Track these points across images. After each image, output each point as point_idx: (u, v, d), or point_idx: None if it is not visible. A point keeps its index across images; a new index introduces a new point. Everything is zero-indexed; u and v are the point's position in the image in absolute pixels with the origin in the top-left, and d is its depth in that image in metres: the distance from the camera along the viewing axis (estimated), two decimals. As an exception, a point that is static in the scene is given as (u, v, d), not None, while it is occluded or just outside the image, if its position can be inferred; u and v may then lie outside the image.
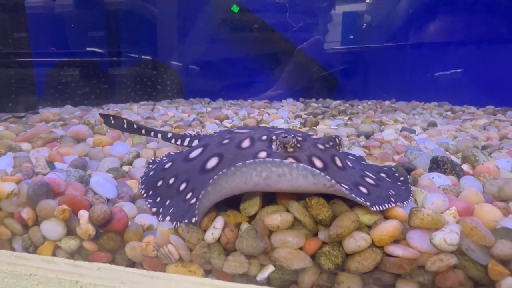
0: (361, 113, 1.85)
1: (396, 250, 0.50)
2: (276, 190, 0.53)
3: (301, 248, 0.53)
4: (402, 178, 0.66)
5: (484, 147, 1.02)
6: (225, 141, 0.66)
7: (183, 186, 0.62)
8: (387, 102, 2.22)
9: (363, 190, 0.56)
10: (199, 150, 0.68)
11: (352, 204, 0.55)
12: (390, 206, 0.54)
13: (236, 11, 2.57)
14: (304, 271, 0.53)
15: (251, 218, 0.57)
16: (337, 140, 0.64)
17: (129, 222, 0.60)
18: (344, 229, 0.51)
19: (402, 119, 1.51)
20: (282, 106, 2.12)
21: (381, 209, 0.53)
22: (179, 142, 0.87)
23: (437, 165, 0.73)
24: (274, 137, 0.61)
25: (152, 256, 0.57)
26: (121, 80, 2.44)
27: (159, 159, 0.79)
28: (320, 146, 0.60)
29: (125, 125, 0.95)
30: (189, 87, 2.66)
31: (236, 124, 1.34)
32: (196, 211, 0.53)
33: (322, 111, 1.87)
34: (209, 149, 0.66)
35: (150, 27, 2.61)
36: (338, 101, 2.24)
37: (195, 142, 0.85)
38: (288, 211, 0.54)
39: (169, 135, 0.89)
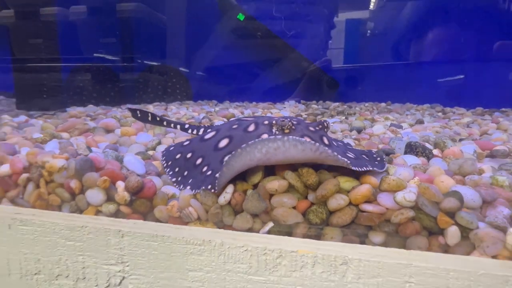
0: (358, 113, 1.99)
1: (368, 207, 0.64)
2: (275, 163, 0.67)
3: (294, 207, 0.67)
4: (378, 159, 0.79)
5: (461, 139, 1.16)
6: (234, 126, 0.81)
7: (199, 161, 0.76)
8: (383, 104, 2.36)
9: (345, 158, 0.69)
10: (212, 133, 0.83)
11: (335, 174, 0.69)
12: (366, 169, 0.67)
13: (241, 19, 2.74)
14: (297, 226, 0.67)
15: (254, 186, 0.71)
16: (325, 123, 0.78)
17: (157, 191, 0.75)
18: (328, 191, 0.65)
19: (394, 118, 1.65)
20: (285, 107, 2.27)
21: (359, 169, 0.66)
22: (195, 131, 1.02)
23: (410, 149, 0.88)
24: (274, 122, 0.76)
25: (176, 216, 0.71)
26: (133, 84, 2.61)
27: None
28: (311, 128, 0.75)
29: (150, 118, 1.10)
30: (197, 91, 2.82)
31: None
32: (216, 183, 0.67)
33: (321, 112, 2.01)
34: (221, 132, 0.81)
35: (161, 34, 2.78)
36: (337, 103, 2.38)
37: (208, 132, 1.00)
38: (284, 178, 0.69)
39: (186, 126, 1.04)
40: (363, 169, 0.67)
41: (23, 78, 1.45)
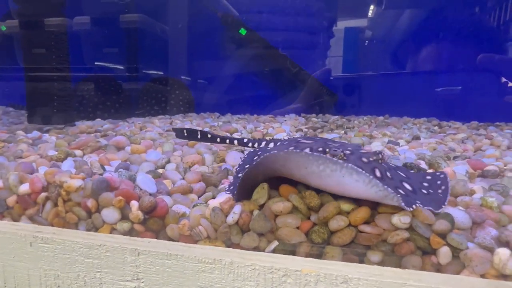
0: (357, 127, 2.05)
1: (366, 228, 0.69)
2: (317, 186, 0.69)
3: (298, 228, 0.72)
4: (439, 191, 0.77)
5: (455, 157, 1.21)
6: (291, 148, 0.86)
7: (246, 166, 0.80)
8: (381, 118, 2.42)
9: (400, 191, 0.69)
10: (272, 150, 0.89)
11: (336, 197, 0.74)
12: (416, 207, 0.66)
13: (243, 34, 2.81)
14: (300, 245, 0.72)
15: (260, 207, 0.76)
16: (380, 155, 0.77)
17: (169, 210, 0.80)
18: (329, 213, 0.70)
19: (391, 133, 1.71)
20: (285, 120, 2.33)
21: (409, 209, 0.65)
22: (256, 145, 1.06)
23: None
24: (327, 150, 0.78)
25: (186, 234, 0.76)
26: (138, 95, 2.66)
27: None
28: (364, 159, 0.75)
29: (199, 136, 1.11)
30: (200, 103, 2.87)
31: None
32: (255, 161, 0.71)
33: (321, 125, 2.07)
34: (276, 148, 0.87)
35: (165, 46, 2.85)
36: (336, 116, 2.44)
37: (271, 145, 1.05)
38: (288, 200, 0.74)
39: (245, 140, 1.08)
40: (413, 208, 0.66)
41: (34, 91, 1.51)
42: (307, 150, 0.82)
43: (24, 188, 0.84)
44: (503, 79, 2.45)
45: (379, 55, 2.85)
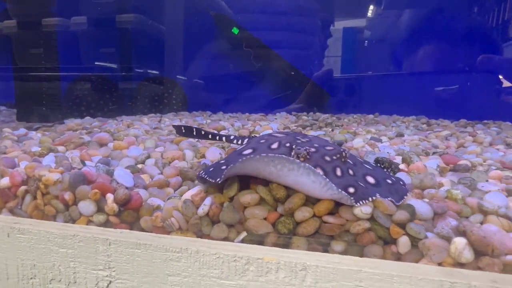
0: (345, 125, 2.07)
1: (330, 218, 0.71)
2: (284, 183, 0.72)
3: (265, 219, 0.74)
4: (403, 186, 0.81)
5: (434, 153, 1.24)
6: (262, 141, 0.89)
7: (224, 166, 0.83)
8: (371, 116, 2.44)
9: (351, 190, 0.71)
10: (245, 145, 0.92)
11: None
12: (372, 199, 0.70)
13: (236, 33, 2.84)
14: (267, 235, 0.74)
15: (231, 199, 0.78)
16: (343, 153, 0.79)
17: (143, 203, 0.82)
18: (294, 204, 0.72)
19: (378, 130, 1.73)
20: (276, 119, 2.35)
21: (362, 203, 0.68)
22: (240, 141, 1.12)
23: (378, 163, 0.95)
24: (294, 146, 0.80)
25: (159, 226, 0.79)
26: (131, 94, 2.69)
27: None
28: (327, 158, 0.77)
29: (194, 133, 1.18)
30: (193, 101, 2.90)
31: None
32: (223, 174, 0.74)
33: (310, 123, 2.09)
34: (250, 145, 0.90)
35: (158, 45, 2.88)
36: (327, 115, 2.46)
37: (245, 140, 1.11)
38: (256, 192, 0.76)
39: (232, 137, 1.14)
40: (368, 201, 0.69)
41: (23, 89, 1.54)
42: (275, 144, 0.85)
43: (5, 181, 0.87)
44: (503, 80, 2.47)
45: (375, 56, 2.87)
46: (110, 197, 0.81)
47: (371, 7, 2.95)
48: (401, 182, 0.84)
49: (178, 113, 2.48)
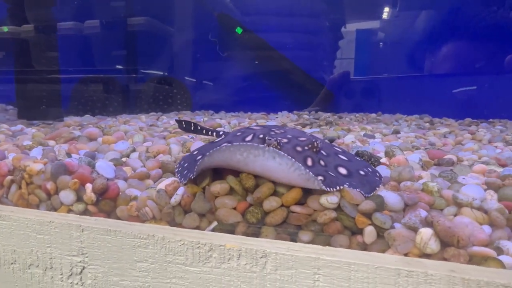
0: (346, 123, 2.06)
1: (297, 208, 0.71)
2: (253, 172, 0.72)
3: (234, 208, 0.75)
4: (376, 178, 0.80)
5: (426, 149, 1.22)
6: (238, 134, 0.91)
7: (199, 156, 0.84)
8: (373, 115, 2.41)
9: (320, 178, 0.71)
10: (221, 137, 0.93)
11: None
12: (340, 187, 0.70)
13: (239, 33, 2.86)
14: (237, 224, 0.75)
15: (203, 189, 0.80)
16: (315, 143, 0.80)
17: (120, 193, 0.84)
18: (262, 194, 0.73)
19: (374, 128, 1.71)
20: (277, 117, 2.35)
21: (331, 189, 0.69)
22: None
23: (358, 156, 0.94)
24: (266, 137, 0.81)
25: (134, 215, 0.80)
26: (137, 94, 2.75)
27: None
28: (298, 149, 0.78)
29: (192, 128, 1.25)
30: (197, 101, 2.94)
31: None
32: (195, 170, 0.76)
33: (311, 122, 2.09)
34: (227, 137, 0.92)
35: (163, 46, 2.93)
36: (329, 114, 2.45)
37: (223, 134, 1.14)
38: (226, 182, 0.77)
39: (221, 132, 1.18)
40: (336, 189, 0.69)
41: (24, 89, 1.60)
42: (250, 136, 0.86)
43: (-8, 172, 0.91)
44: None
45: (388, 57, 2.83)
46: (89, 187, 0.84)
47: (386, 8, 2.90)
48: (377, 174, 0.83)
49: (181, 112, 2.52)
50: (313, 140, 0.80)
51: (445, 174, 0.87)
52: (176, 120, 1.35)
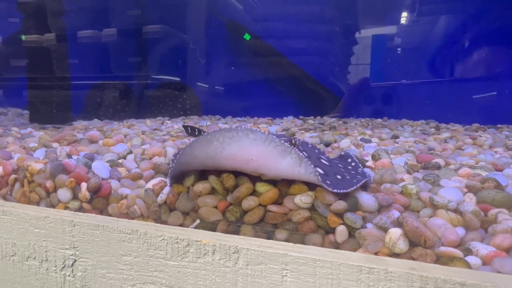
0: (350, 128, 2.07)
1: (273, 207, 0.74)
2: (233, 158, 0.72)
3: (215, 207, 0.79)
4: (354, 180, 0.80)
5: (420, 153, 1.22)
6: None
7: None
8: (379, 120, 2.41)
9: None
10: None
11: (254, 180, 0.80)
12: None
13: (248, 39, 2.92)
14: (218, 222, 0.78)
15: (188, 189, 0.84)
16: (293, 140, 0.83)
17: (112, 191, 0.89)
18: (241, 193, 0.76)
19: (374, 132, 1.72)
20: (282, 122, 2.38)
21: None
22: None
23: (342, 158, 0.97)
24: None
25: (124, 212, 0.85)
26: (147, 99, 2.84)
27: None
28: None
29: (196, 132, 1.33)
30: (206, 106, 3.01)
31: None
32: (172, 170, 0.80)
33: (315, 127, 2.11)
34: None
35: (174, 52, 3.01)
36: (333, 119, 2.46)
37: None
38: (208, 182, 0.81)
39: None
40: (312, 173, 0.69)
41: (36, 94, 1.70)
42: None
43: (-1, 171, 0.98)
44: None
45: (405, 63, 2.82)
46: (84, 185, 0.89)
47: (403, 13, 2.89)
48: (358, 177, 0.85)
49: (188, 117, 2.58)
50: (291, 138, 0.83)
51: (428, 177, 0.88)
52: (183, 126, 1.42)
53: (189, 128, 1.40)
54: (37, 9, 1.68)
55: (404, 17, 2.87)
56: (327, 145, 1.41)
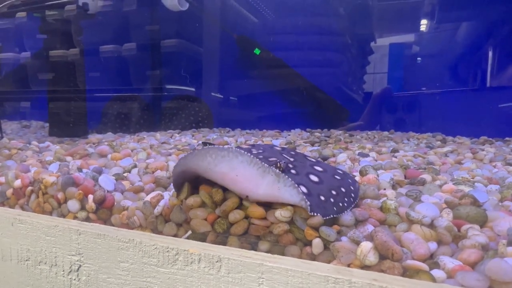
0: (355, 141, 2.10)
1: (256, 220, 0.81)
2: (221, 175, 0.80)
3: (205, 219, 0.86)
4: (345, 199, 0.84)
5: (421, 169, 1.25)
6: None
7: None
8: (386, 133, 2.43)
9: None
10: None
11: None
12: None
13: (258, 54, 3.01)
14: (207, 233, 0.85)
15: (182, 202, 0.91)
16: (278, 164, 0.85)
17: (115, 203, 0.98)
18: (227, 207, 0.83)
19: (375, 146, 1.75)
20: (289, 135, 2.44)
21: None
22: None
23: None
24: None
25: (125, 223, 0.94)
26: (161, 113, 2.97)
27: None
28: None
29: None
30: (217, 119, 3.11)
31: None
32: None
33: (320, 140, 2.16)
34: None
35: (187, 65, 3.14)
36: (340, 132, 2.50)
37: None
38: (199, 196, 0.88)
39: None
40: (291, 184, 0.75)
41: (54, 108, 1.84)
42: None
43: (18, 183, 1.08)
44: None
45: (424, 72, 2.81)
46: (90, 197, 0.99)
47: (423, 21, 2.89)
48: (345, 200, 0.89)
49: (198, 130, 2.68)
50: (278, 161, 0.88)
51: (411, 193, 0.92)
52: (203, 143, 1.51)
53: (207, 145, 1.50)
54: (56, 28, 1.82)
55: (423, 24, 2.87)
56: (325, 159, 1.46)
